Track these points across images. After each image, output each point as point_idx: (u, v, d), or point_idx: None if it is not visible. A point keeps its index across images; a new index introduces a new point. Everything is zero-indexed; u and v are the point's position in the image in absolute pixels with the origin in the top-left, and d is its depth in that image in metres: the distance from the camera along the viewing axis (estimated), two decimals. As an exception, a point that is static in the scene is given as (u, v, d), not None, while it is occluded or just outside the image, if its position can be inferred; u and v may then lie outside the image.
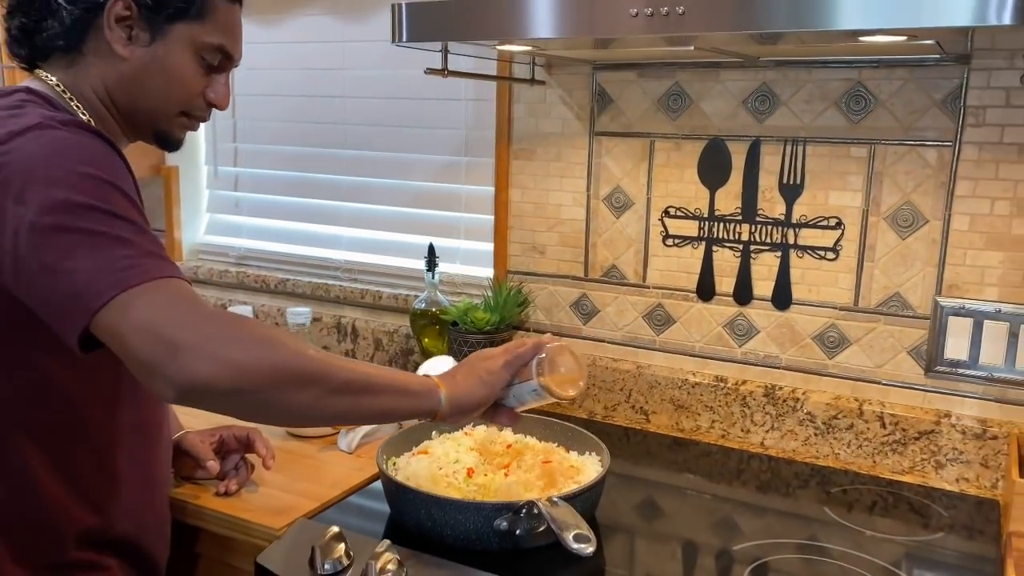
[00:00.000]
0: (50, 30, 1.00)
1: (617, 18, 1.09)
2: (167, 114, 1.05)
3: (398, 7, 1.27)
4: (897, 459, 1.46)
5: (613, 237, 1.68)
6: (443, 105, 1.88)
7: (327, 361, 0.90)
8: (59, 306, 0.84)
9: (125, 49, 0.99)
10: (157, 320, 0.80)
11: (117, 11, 0.98)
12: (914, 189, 1.41)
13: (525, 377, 1.07)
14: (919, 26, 0.96)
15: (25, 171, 0.85)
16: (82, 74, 1.01)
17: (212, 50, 1.04)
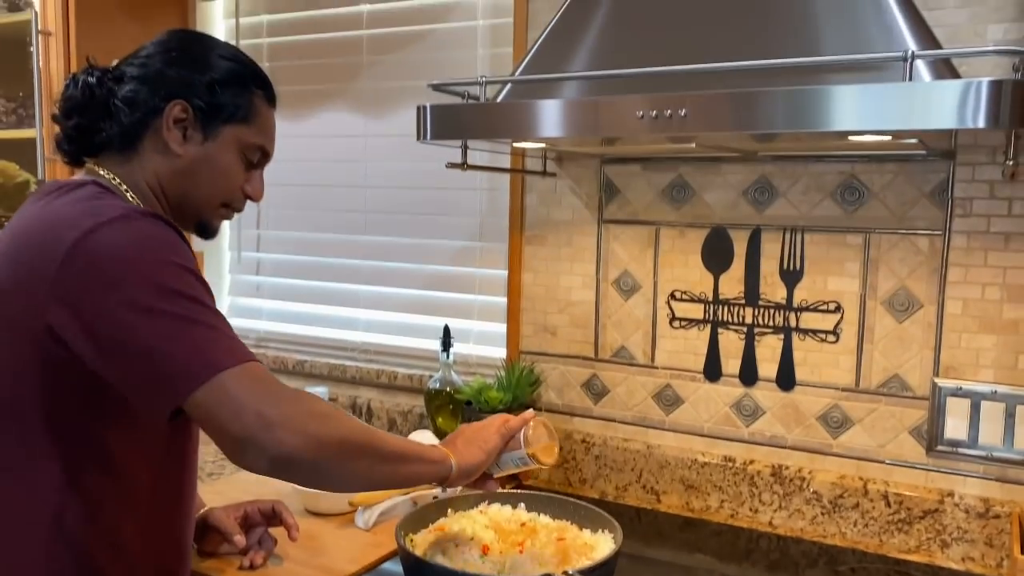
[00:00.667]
0: (108, 130, 1.09)
1: (625, 120, 1.18)
2: (211, 206, 1.14)
3: (423, 108, 1.37)
4: (903, 538, 1.49)
5: (622, 319, 1.75)
6: (459, 194, 1.98)
7: (374, 432, 1.03)
8: (153, 385, 0.92)
9: (180, 148, 1.09)
10: (250, 399, 0.90)
11: (175, 114, 1.07)
12: (908, 275, 1.49)
13: (512, 447, 1.21)
14: (904, 128, 1.05)
15: (116, 258, 0.93)
16: (137, 169, 1.09)
17: (254, 149, 1.15)
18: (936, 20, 1.35)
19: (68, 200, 1.00)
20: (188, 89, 1.07)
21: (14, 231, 1.02)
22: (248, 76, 1.13)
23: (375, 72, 2.09)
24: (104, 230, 0.94)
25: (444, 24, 1.97)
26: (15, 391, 0.99)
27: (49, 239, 0.95)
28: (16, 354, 0.97)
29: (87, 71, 1.10)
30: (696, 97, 1.13)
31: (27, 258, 0.97)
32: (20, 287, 0.96)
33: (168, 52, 1.09)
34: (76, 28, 1.99)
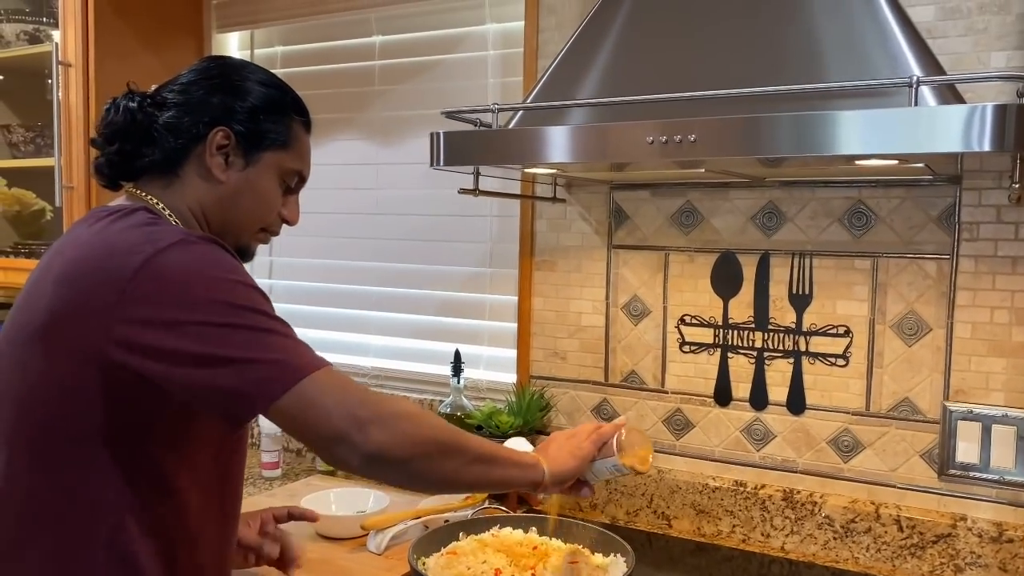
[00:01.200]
0: (150, 156, 1.10)
1: (635, 145, 1.21)
2: (250, 230, 1.16)
3: (436, 135, 1.39)
4: (916, 563, 1.48)
5: (632, 343, 1.76)
6: (469, 221, 2.00)
7: (463, 432, 1.04)
8: (239, 395, 0.93)
9: (223, 174, 1.10)
10: (336, 400, 0.93)
11: (218, 140, 1.09)
12: (917, 299, 1.50)
13: (606, 454, 1.20)
14: (910, 152, 1.07)
15: (182, 282, 0.94)
16: (179, 194, 1.10)
17: (292, 174, 1.17)
18: (940, 48, 1.38)
19: (123, 226, 1.01)
20: (230, 116, 1.09)
21: (68, 257, 1.02)
22: (287, 103, 1.15)
23: (387, 102, 2.12)
24: (165, 254, 0.96)
25: (455, 54, 2.01)
26: (73, 414, 0.99)
27: (110, 266, 0.96)
28: (74, 377, 0.97)
29: (127, 96, 1.11)
30: (705, 122, 1.15)
31: (87, 284, 0.97)
32: (79, 312, 0.96)
33: (209, 79, 1.11)
34: (95, 60, 2.03)
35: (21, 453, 1.01)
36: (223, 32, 2.32)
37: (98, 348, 0.95)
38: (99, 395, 0.97)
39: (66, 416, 0.99)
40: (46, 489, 1.00)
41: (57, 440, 0.99)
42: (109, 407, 0.97)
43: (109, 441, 0.99)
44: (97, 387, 0.96)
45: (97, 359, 0.95)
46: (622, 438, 1.20)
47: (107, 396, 0.97)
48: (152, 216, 1.04)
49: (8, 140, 2.31)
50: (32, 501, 1.01)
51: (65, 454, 0.99)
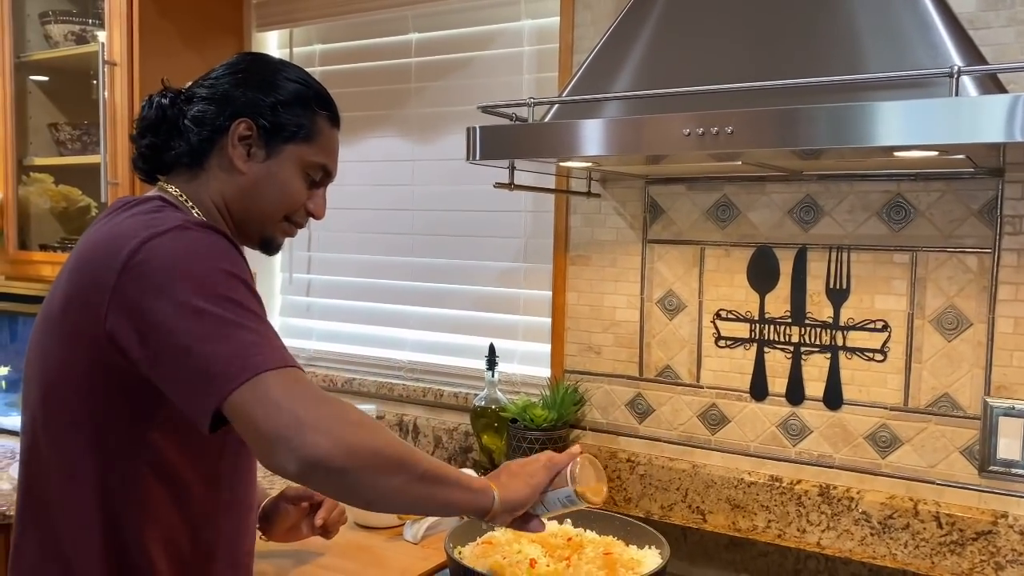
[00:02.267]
0: (177, 149, 1.14)
1: (671, 137, 1.21)
2: (273, 221, 1.17)
3: (473, 130, 1.41)
4: (956, 560, 1.46)
5: (667, 338, 1.76)
6: (504, 216, 2.02)
7: (412, 450, 0.99)
8: (194, 385, 0.93)
9: (244, 165, 1.13)
10: (284, 401, 0.90)
11: (240, 131, 1.11)
12: (957, 293, 1.48)
13: (558, 484, 1.15)
14: (951, 142, 1.06)
15: (167, 266, 0.96)
16: (203, 186, 1.14)
17: (316, 168, 1.17)
18: (982, 39, 1.36)
19: (130, 214, 1.05)
20: (253, 108, 1.12)
21: (82, 247, 1.07)
22: (311, 97, 1.16)
23: (423, 98, 2.15)
24: (159, 239, 0.98)
25: (491, 51, 2.03)
26: (78, 397, 1.02)
27: (110, 251, 0.99)
28: (80, 362, 1.01)
29: (162, 93, 1.15)
30: (742, 114, 1.15)
31: (90, 269, 1.01)
32: (84, 297, 1.00)
33: (236, 74, 1.14)
34: (140, 59, 2.08)
35: (40, 437, 1.06)
36: (263, 31, 2.36)
37: (97, 333, 0.98)
38: (100, 379, 1.00)
39: (71, 400, 1.02)
40: (54, 471, 1.04)
41: (64, 424, 1.03)
42: (109, 392, 1.00)
43: (109, 427, 1.02)
44: (98, 371, 1.00)
45: (96, 343, 0.98)
46: (576, 469, 1.14)
47: (106, 381, 1.00)
48: (162, 204, 1.08)
49: (56, 138, 2.37)
50: (42, 483, 1.05)
51: (69, 438, 1.03)
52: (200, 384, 0.92)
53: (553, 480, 1.14)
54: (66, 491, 1.03)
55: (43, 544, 1.05)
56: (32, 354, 1.09)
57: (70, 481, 1.03)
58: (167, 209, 1.07)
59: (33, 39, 2.37)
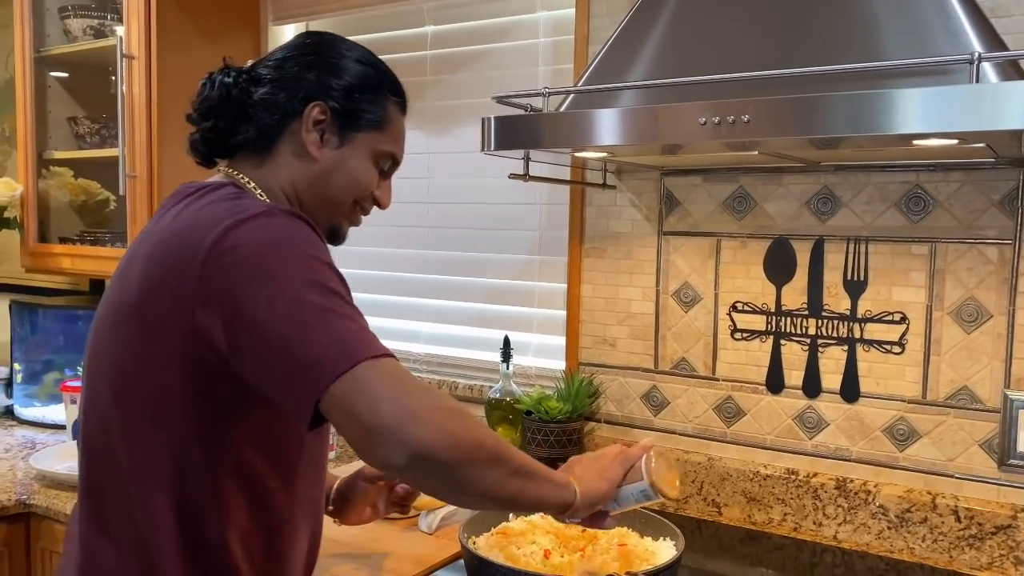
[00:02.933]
0: (245, 133, 1.08)
1: (687, 126, 1.20)
2: (342, 209, 1.13)
3: (487, 120, 1.41)
4: (974, 554, 1.45)
5: (682, 331, 1.75)
6: (519, 209, 2.02)
7: (506, 443, 0.95)
8: (293, 376, 0.88)
9: (318, 151, 1.07)
10: (387, 391, 0.85)
11: (314, 115, 1.06)
12: (977, 285, 1.46)
13: (632, 478, 1.10)
14: (971, 130, 1.04)
15: (257, 254, 0.91)
16: (272, 173, 1.08)
17: (386, 157, 1.14)
18: (1004, 28, 1.35)
19: (208, 201, 1.00)
20: (326, 92, 1.07)
21: (156, 235, 1.01)
22: (384, 82, 1.12)
23: (439, 91, 2.15)
24: (244, 226, 0.93)
25: (506, 43, 2.02)
26: (159, 394, 0.97)
27: (192, 240, 0.94)
28: (163, 357, 0.95)
29: (224, 72, 1.09)
30: (759, 102, 1.14)
31: (170, 260, 0.95)
32: (166, 288, 0.94)
33: (305, 55, 1.09)
34: (157, 52, 2.09)
35: (114, 433, 1.00)
36: (279, 24, 2.37)
37: (183, 325, 0.93)
38: (186, 375, 0.94)
39: (150, 398, 0.97)
40: (131, 471, 0.99)
41: (143, 423, 0.98)
42: (192, 389, 0.95)
43: (191, 425, 0.96)
44: (184, 366, 0.94)
45: (182, 337, 0.93)
46: (650, 462, 1.10)
47: (190, 377, 0.95)
48: (238, 191, 1.03)
49: (75, 132, 2.39)
50: (116, 484, 1.00)
51: (148, 437, 0.97)
52: (299, 375, 0.87)
53: (626, 475, 1.10)
54: (145, 492, 0.98)
55: (121, 546, 1.00)
56: (99, 350, 1.03)
57: (150, 482, 0.98)
58: (245, 196, 1.01)
59: (52, 34, 2.39)
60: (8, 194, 2.34)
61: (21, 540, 1.79)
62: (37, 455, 1.92)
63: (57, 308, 2.49)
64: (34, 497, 1.76)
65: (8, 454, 2.07)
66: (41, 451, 1.97)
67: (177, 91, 2.13)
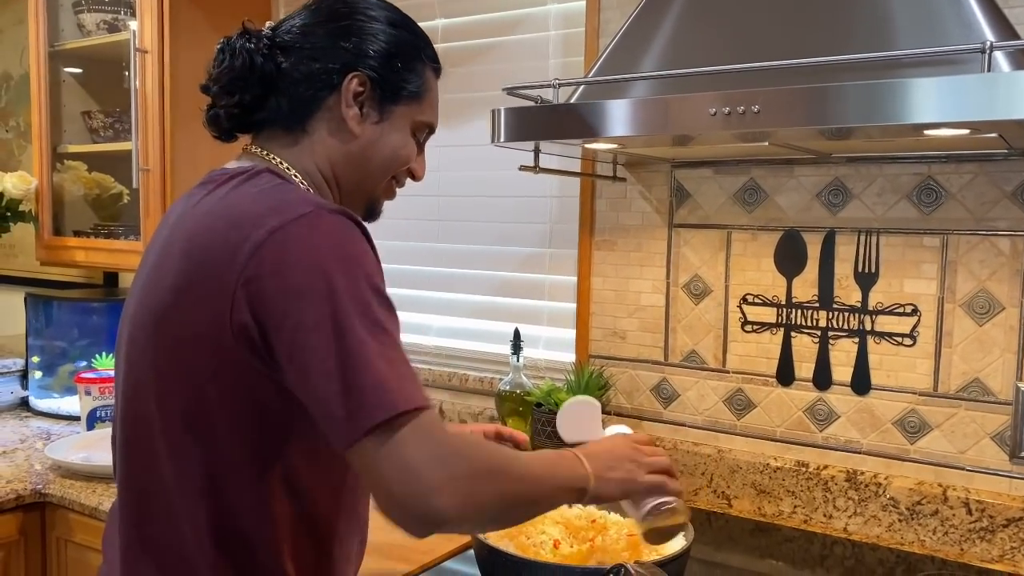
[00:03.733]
0: (275, 108, 0.99)
1: (698, 117, 1.20)
2: (380, 186, 1.06)
3: (497, 111, 1.41)
4: (986, 547, 1.45)
5: (692, 323, 1.75)
6: (529, 202, 2.02)
7: (532, 477, 0.92)
8: (329, 415, 0.83)
9: (359, 127, 0.99)
10: (415, 459, 0.80)
11: (354, 87, 0.98)
12: (989, 277, 1.46)
13: (643, 503, 1.09)
14: (983, 119, 1.04)
15: (304, 265, 0.84)
16: (307, 151, 0.99)
17: (423, 128, 1.07)
18: (1017, 18, 1.34)
19: (247, 193, 0.91)
20: (364, 61, 0.98)
21: (191, 229, 0.92)
22: (421, 47, 1.04)
23: (449, 84, 2.13)
24: (291, 228, 0.85)
25: (516, 36, 2.02)
26: (198, 402, 0.89)
27: (233, 238, 0.86)
28: (198, 358, 0.88)
29: (244, 36, 0.99)
30: (769, 92, 1.14)
31: (209, 259, 0.87)
32: (202, 288, 0.87)
33: (334, 20, 0.99)
34: (170, 46, 2.10)
35: (156, 440, 0.93)
36: (291, 19, 2.37)
37: (221, 330, 0.86)
38: (226, 380, 0.88)
39: (190, 406, 0.90)
40: (174, 479, 0.92)
41: (184, 429, 0.91)
42: (235, 394, 0.89)
43: (236, 433, 0.90)
44: (223, 371, 0.88)
45: (219, 342, 0.86)
46: (668, 506, 1.07)
47: (232, 383, 0.88)
48: (279, 180, 0.94)
49: (89, 126, 2.41)
50: (162, 491, 0.94)
51: (190, 444, 0.91)
52: (334, 418, 0.82)
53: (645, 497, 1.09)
54: (188, 504, 0.91)
55: (163, 564, 0.94)
56: (136, 352, 0.95)
57: (192, 494, 0.91)
58: (288, 187, 0.93)
59: (66, 28, 2.41)
60: (23, 188, 2.36)
61: (37, 529, 1.81)
62: (52, 445, 1.94)
63: (72, 301, 2.51)
64: (49, 487, 1.78)
65: (24, 444, 2.09)
66: (56, 441, 1.99)
67: (190, 85, 2.12)
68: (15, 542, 1.78)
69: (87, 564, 1.74)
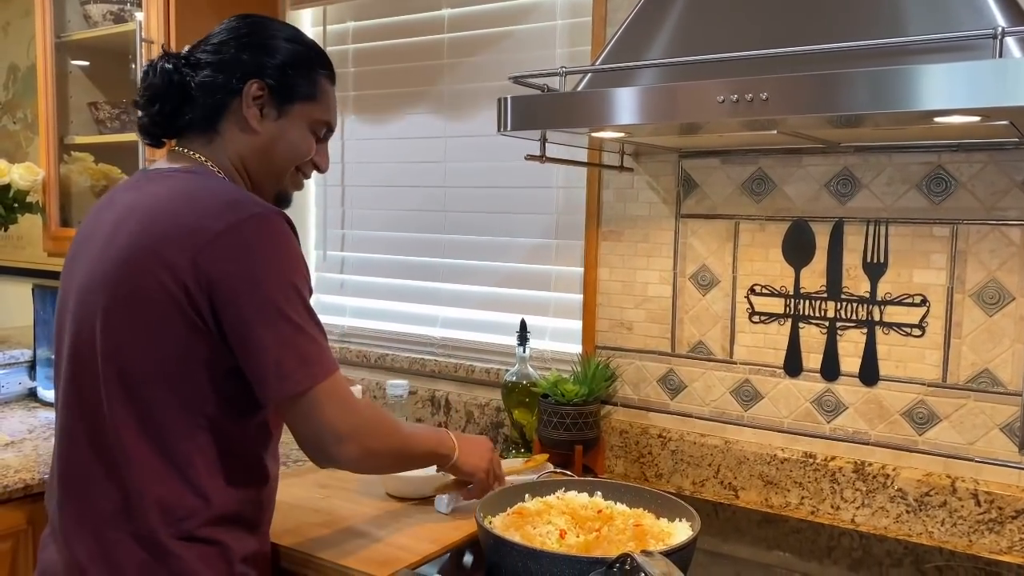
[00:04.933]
0: (191, 114, 1.20)
1: (705, 105, 1.19)
2: (285, 176, 1.27)
3: (504, 100, 1.40)
4: (995, 538, 1.44)
5: (699, 314, 1.75)
6: (536, 192, 2.01)
7: (412, 437, 1.32)
8: (261, 379, 1.11)
9: (259, 124, 1.20)
10: (331, 416, 1.12)
11: (253, 92, 1.19)
12: (999, 267, 1.45)
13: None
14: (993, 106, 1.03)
15: (256, 258, 1.08)
16: (220, 149, 1.20)
17: (321, 124, 1.27)
18: (1028, 4, 1.32)
19: (203, 185, 1.14)
20: (261, 71, 1.18)
21: (150, 208, 1.12)
22: (312, 58, 1.24)
23: (456, 75, 2.14)
24: (245, 226, 1.08)
25: (523, 25, 2.01)
26: (138, 359, 1.11)
27: (193, 225, 1.08)
28: (143, 319, 1.09)
29: (164, 58, 1.20)
30: (777, 80, 1.13)
31: (169, 236, 1.08)
32: (160, 264, 1.07)
33: (239, 38, 1.20)
34: (176, 37, 2.10)
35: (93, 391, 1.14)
36: (297, 8, 2.37)
37: (172, 295, 1.07)
38: (170, 332, 1.09)
39: (129, 355, 1.11)
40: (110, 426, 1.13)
41: (120, 376, 1.11)
42: (170, 351, 1.10)
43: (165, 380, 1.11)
44: (159, 331, 1.09)
45: (173, 305, 1.08)
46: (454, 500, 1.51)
47: (182, 335, 1.09)
48: (214, 176, 1.18)
49: (95, 117, 2.41)
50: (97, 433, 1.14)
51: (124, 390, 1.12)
52: (268, 380, 1.10)
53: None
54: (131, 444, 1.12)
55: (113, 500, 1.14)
56: (82, 311, 1.15)
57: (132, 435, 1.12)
58: (225, 181, 1.18)
59: (73, 19, 2.41)
60: (30, 179, 2.37)
61: (44, 519, 1.81)
62: (60, 435, 1.94)
63: (79, 292, 2.51)
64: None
65: (32, 435, 2.09)
66: (64, 432, 1.99)
67: (196, 76, 2.14)
68: (23, 531, 1.79)
69: (95, 553, 1.74)
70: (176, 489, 1.12)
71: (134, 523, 1.12)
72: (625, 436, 1.82)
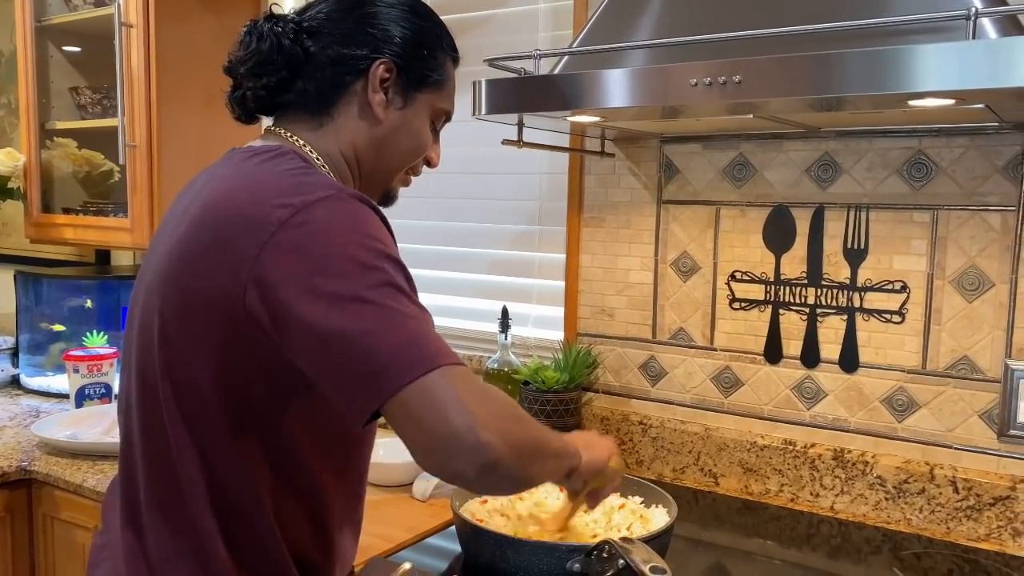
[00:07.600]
0: (300, 91, 1.00)
1: (679, 88, 1.18)
2: (399, 172, 1.09)
3: (478, 83, 1.39)
4: (972, 525, 1.43)
5: (680, 300, 1.73)
6: (518, 179, 2.00)
7: (543, 430, 0.95)
8: (355, 379, 0.83)
9: (384, 112, 1.01)
10: (454, 402, 0.80)
11: (381, 73, 1.00)
12: (979, 253, 1.43)
13: None
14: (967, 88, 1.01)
15: (325, 242, 0.84)
16: (331, 135, 1.01)
17: (441, 115, 1.09)
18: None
19: (272, 171, 0.92)
20: (390, 48, 1.00)
21: (208, 198, 0.92)
22: (442, 36, 1.07)
23: (438, 59, 2.12)
24: (315, 209, 0.86)
25: (505, 8, 1.99)
26: (197, 371, 0.90)
27: (254, 214, 0.86)
28: (204, 328, 0.89)
29: (271, 20, 1.00)
30: (750, 62, 1.11)
31: (225, 230, 0.88)
32: (217, 257, 0.88)
33: (357, 7, 1.01)
34: (156, 20, 2.08)
35: (164, 414, 0.93)
36: (279, -7, 2.34)
37: (230, 302, 0.86)
38: (227, 349, 0.89)
39: (191, 367, 0.90)
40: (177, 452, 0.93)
41: (179, 392, 0.92)
42: (229, 363, 0.89)
43: (243, 405, 0.91)
44: (231, 344, 0.88)
45: (228, 310, 0.87)
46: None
47: (243, 357, 0.89)
48: (303, 163, 0.95)
49: (77, 102, 2.39)
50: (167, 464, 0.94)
51: (183, 408, 0.92)
52: (363, 379, 0.82)
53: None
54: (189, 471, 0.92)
55: (175, 531, 0.94)
56: (147, 315, 0.95)
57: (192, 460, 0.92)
58: (312, 171, 0.94)
59: (53, 3, 2.38)
60: (11, 164, 2.35)
61: (23, 506, 1.81)
62: (39, 423, 1.93)
63: (62, 279, 2.50)
64: (35, 464, 1.78)
65: (13, 422, 2.09)
66: (44, 419, 1.99)
67: (176, 60, 2.12)
68: (1, 519, 1.79)
69: (73, 540, 1.74)
70: None
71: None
72: (606, 423, 1.81)
